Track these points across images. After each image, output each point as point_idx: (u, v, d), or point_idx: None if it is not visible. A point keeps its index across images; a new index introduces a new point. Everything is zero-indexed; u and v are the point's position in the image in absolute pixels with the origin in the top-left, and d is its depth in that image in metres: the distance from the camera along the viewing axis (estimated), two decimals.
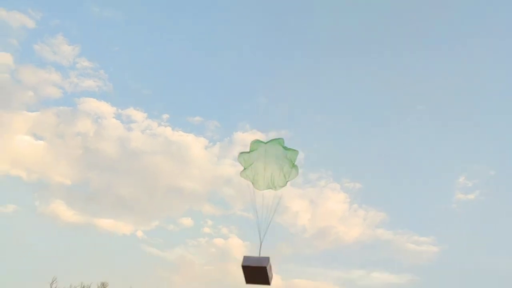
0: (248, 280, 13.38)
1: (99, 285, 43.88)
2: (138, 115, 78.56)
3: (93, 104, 76.52)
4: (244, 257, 13.43)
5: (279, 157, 14.86)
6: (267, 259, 13.32)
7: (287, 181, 14.81)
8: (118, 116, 78.53)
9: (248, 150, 15.17)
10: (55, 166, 76.30)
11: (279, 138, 14.95)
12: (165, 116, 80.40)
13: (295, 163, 14.87)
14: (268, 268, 13.16)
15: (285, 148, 14.99)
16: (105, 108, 76.77)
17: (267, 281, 13.42)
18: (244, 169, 15.12)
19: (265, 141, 15.15)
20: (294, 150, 15.00)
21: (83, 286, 42.94)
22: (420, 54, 75.45)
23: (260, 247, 13.95)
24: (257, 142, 15.13)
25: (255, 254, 13.92)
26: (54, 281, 39.82)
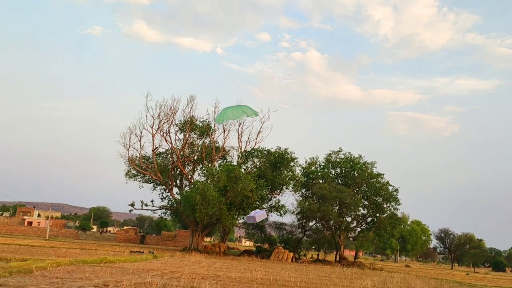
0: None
1: (188, 97, 47.97)
2: None
3: None
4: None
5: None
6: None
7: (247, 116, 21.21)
8: None
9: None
10: None
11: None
12: None
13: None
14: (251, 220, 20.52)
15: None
16: None
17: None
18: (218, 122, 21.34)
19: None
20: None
21: (174, 99, 46.71)
22: None
23: None
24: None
25: None
26: (149, 95, 43.93)
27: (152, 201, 46.77)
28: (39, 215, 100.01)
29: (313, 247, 56.60)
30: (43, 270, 14.74)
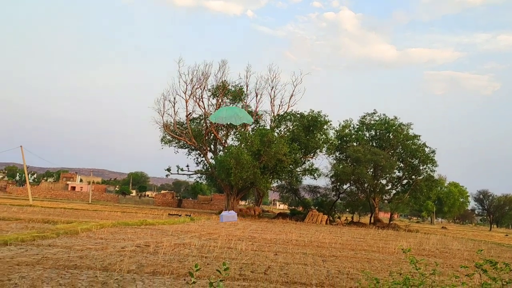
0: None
1: (220, 62, 48.80)
2: None
3: None
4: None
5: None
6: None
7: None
8: None
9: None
10: None
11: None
12: None
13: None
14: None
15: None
16: None
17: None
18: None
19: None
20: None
21: (206, 64, 47.36)
22: None
23: None
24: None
25: None
26: (181, 60, 44.99)
27: (187, 166, 47.78)
28: (81, 180, 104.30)
29: (347, 209, 56.73)
30: (88, 232, 15.49)
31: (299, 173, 46.24)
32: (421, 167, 47.44)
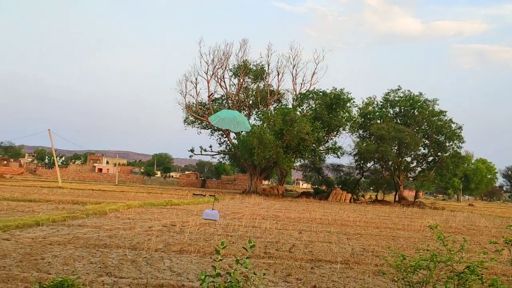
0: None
1: (240, 41, 49.24)
2: None
3: None
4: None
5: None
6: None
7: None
8: None
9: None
10: None
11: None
12: None
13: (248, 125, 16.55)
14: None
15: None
16: None
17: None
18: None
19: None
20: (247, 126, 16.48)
21: (227, 43, 47.66)
22: None
23: None
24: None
25: None
26: (202, 41, 45.44)
27: (210, 146, 48.20)
28: (107, 162, 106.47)
29: (371, 188, 56.37)
30: (116, 212, 15.87)
31: (322, 151, 46.02)
32: (447, 144, 46.55)
